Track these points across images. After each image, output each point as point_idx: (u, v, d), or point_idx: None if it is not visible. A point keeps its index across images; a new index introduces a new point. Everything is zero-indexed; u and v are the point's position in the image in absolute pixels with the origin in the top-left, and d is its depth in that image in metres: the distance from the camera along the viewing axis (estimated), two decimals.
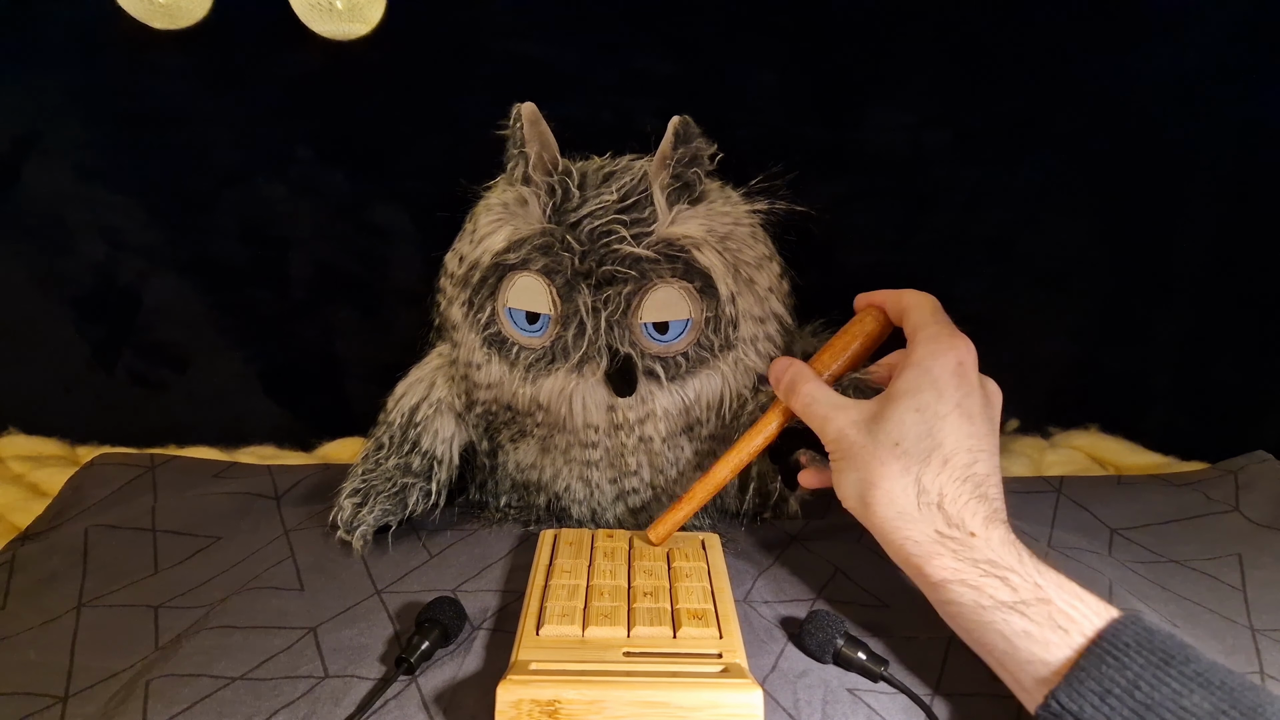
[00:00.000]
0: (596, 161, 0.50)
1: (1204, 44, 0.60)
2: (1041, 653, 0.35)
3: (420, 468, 0.52)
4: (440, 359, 0.54)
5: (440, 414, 0.53)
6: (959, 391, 0.41)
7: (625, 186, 0.47)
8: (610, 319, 0.48)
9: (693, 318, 0.48)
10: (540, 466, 0.53)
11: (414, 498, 0.52)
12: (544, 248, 0.47)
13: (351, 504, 0.51)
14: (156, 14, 0.59)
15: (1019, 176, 0.65)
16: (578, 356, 0.48)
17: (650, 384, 0.49)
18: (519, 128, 0.47)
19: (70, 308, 0.69)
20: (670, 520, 0.48)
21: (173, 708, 0.39)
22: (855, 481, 0.41)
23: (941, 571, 0.38)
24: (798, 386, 0.45)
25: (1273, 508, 0.57)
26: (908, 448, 0.39)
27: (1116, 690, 0.32)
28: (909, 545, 0.39)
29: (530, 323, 0.49)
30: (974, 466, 0.39)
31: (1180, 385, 0.70)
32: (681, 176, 0.47)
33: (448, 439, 0.53)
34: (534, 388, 0.49)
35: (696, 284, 0.48)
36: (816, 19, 0.60)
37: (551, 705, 0.35)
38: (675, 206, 0.47)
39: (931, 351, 0.42)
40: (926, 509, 0.39)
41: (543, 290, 0.48)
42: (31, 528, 0.57)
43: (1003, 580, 0.36)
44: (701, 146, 0.47)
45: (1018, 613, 0.35)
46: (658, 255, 0.47)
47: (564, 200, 0.47)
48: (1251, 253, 0.66)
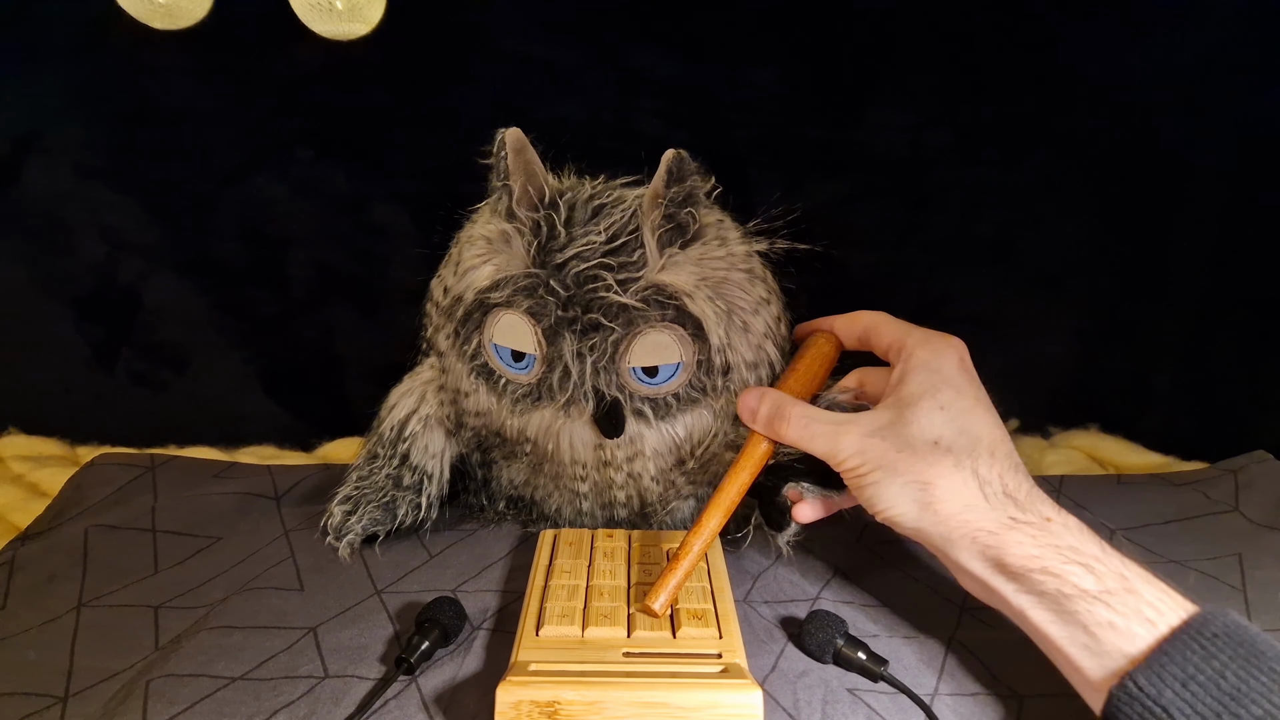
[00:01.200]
0: (587, 188, 0.47)
1: (1204, 44, 0.60)
2: (1125, 646, 0.33)
3: (411, 482, 0.52)
4: (432, 371, 0.53)
5: (430, 429, 0.52)
6: (972, 386, 0.41)
7: (615, 225, 0.44)
8: (596, 364, 0.45)
9: (684, 360, 0.46)
10: (533, 485, 0.53)
11: (403, 509, 0.51)
12: (528, 290, 0.45)
13: (341, 511, 0.51)
14: (156, 14, 0.59)
15: (1019, 176, 0.65)
16: (563, 399, 0.46)
17: (639, 424, 0.47)
18: (503, 157, 0.44)
19: (70, 308, 0.69)
20: (668, 584, 0.42)
21: (173, 708, 0.39)
22: (903, 487, 0.39)
23: (1023, 559, 0.36)
24: (784, 411, 0.43)
25: (1273, 508, 0.57)
26: (950, 443, 0.39)
27: (1200, 678, 0.31)
28: (983, 536, 0.37)
29: (516, 360, 0.47)
30: (1014, 456, 0.39)
31: (1180, 385, 0.71)
32: (674, 217, 0.44)
33: (438, 454, 0.52)
34: (522, 421, 0.48)
35: (688, 328, 0.45)
36: (817, 19, 0.60)
37: (551, 706, 0.35)
38: (666, 250, 0.44)
39: (934, 351, 0.42)
40: (995, 498, 0.37)
41: (528, 330, 0.46)
42: (31, 528, 0.57)
43: (1086, 568, 0.35)
44: (697, 184, 0.44)
45: (1102, 603, 0.34)
46: (645, 304, 0.44)
47: (549, 239, 0.45)
48: (1251, 253, 0.66)
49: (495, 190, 0.46)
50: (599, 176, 0.48)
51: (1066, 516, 0.37)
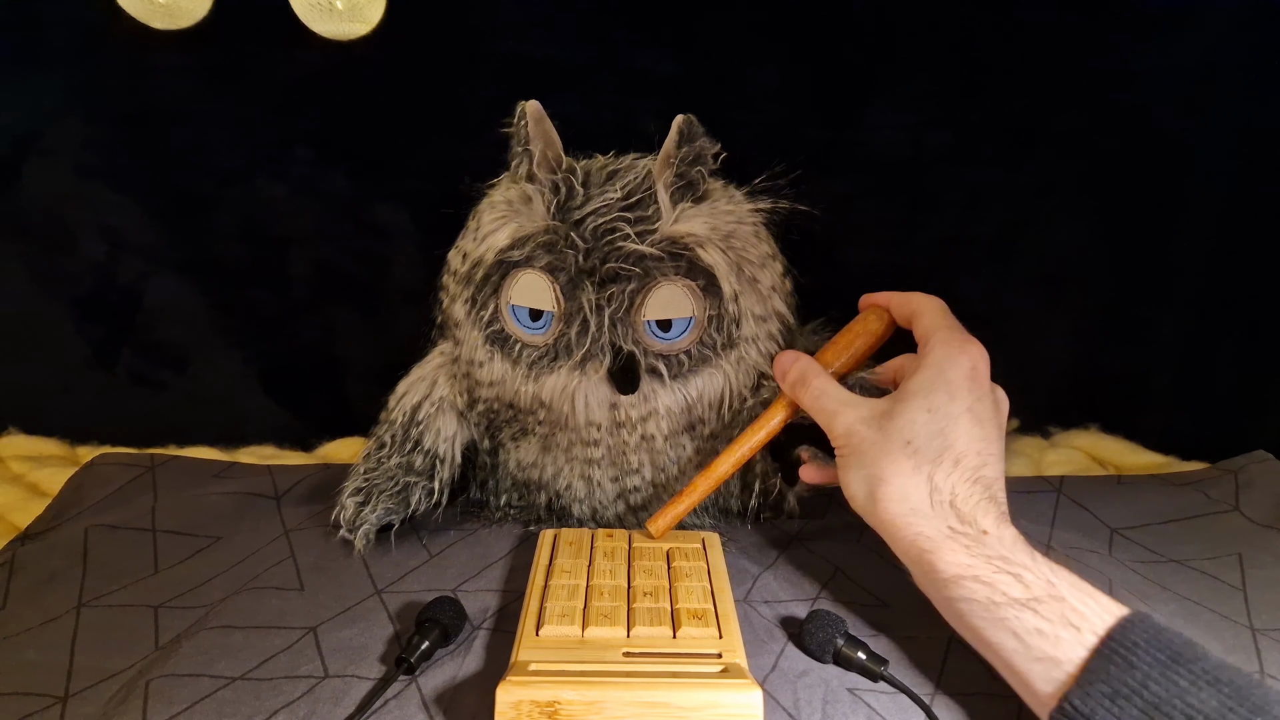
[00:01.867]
0: (600, 160, 0.50)
1: (1204, 44, 0.60)
2: (1052, 650, 0.34)
3: (423, 466, 0.52)
4: (442, 357, 0.54)
5: (442, 412, 0.53)
6: (971, 395, 0.41)
7: (629, 185, 0.47)
8: (614, 316, 0.48)
9: (696, 316, 0.48)
10: (541, 465, 0.54)
11: (416, 496, 0.52)
12: (548, 245, 0.48)
13: (354, 503, 0.51)
14: (156, 14, 0.59)
15: (1019, 176, 0.65)
16: (580, 354, 0.48)
17: (653, 382, 0.49)
18: (524, 125, 0.47)
19: (70, 307, 0.69)
20: (670, 513, 0.49)
21: (173, 708, 0.39)
22: (864, 478, 0.41)
23: (954, 567, 0.37)
24: (808, 380, 0.46)
25: (1273, 508, 0.57)
26: (919, 446, 0.40)
27: (1125, 690, 0.32)
28: (920, 540, 0.38)
29: (534, 320, 0.49)
30: (983, 469, 0.39)
31: (1180, 385, 0.71)
32: (685, 175, 0.47)
33: (450, 437, 0.53)
34: (536, 385, 0.49)
35: (700, 282, 0.48)
36: (817, 19, 0.60)
37: (551, 706, 0.35)
38: (679, 205, 0.47)
39: (946, 354, 0.42)
40: (939, 506, 0.39)
41: (546, 287, 0.48)
42: (31, 528, 0.57)
43: (1015, 577, 0.36)
44: (705, 145, 0.47)
45: (1030, 610, 0.35)
46: (661, 253, 0.47)
47: (568, 198, 0.47)
48: (1251, 253, 0.66)
49: (516, 156, 0.49)
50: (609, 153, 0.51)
51: (1004, 530, 0.38)
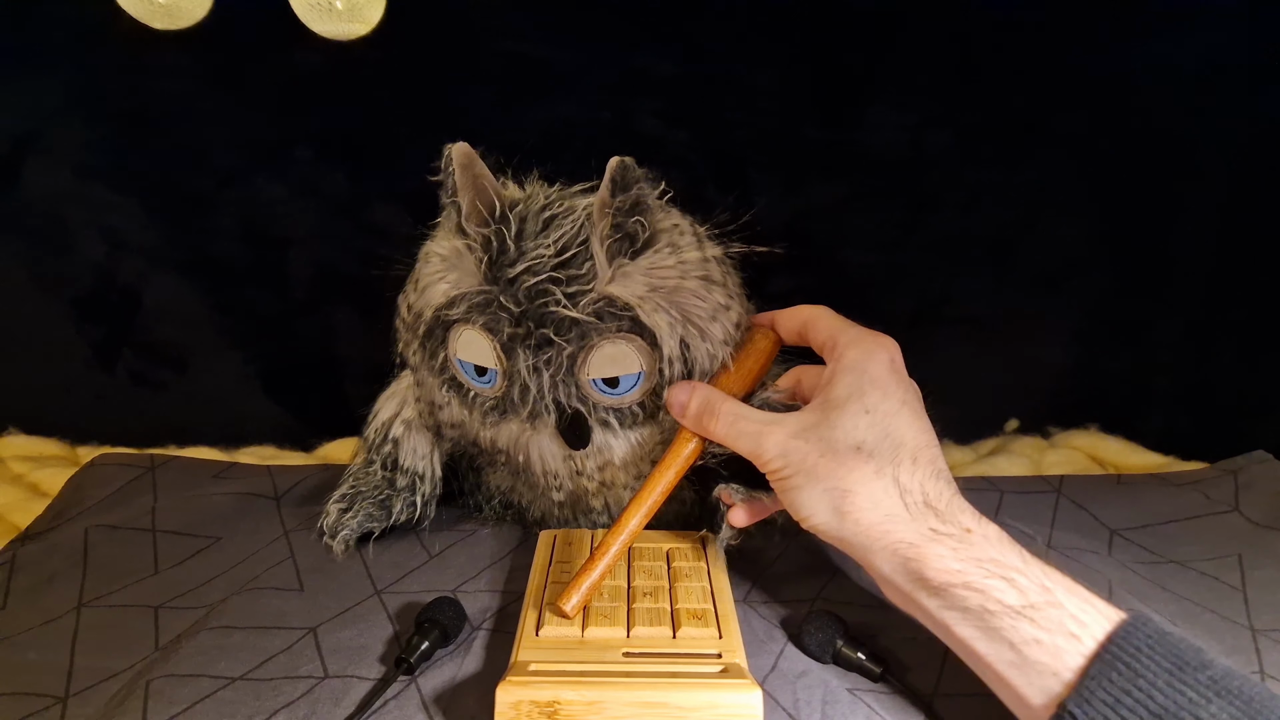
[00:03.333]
0: (540, 198, 0.46)
1: (1204, 43, 0.60)
2: (1052, 662, 0.32)
3: (404, 484, 0.52)
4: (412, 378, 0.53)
5: (414, 432, 0.53)
6: (900, 388, 0.40)
7: (564, 238, 0.43)
8: (554, 377, 0.45)
9: (644, 369, 0.45)
10: (519, 491, 0.53)
11: (398, 507, 0.52)
12: (482, 305, 0.45)
13: (337, 509, 0.52)
14: (156, 14, 0.59)
15: (1019, 176, 0.64)
16: (525, 412, 0.46)
17: (605, 434, 0.47)
18: (450, 174, 0.44)
19: (70, 308, 0.69)
20: (581, 585, 0.42)
21: (173, 708, 0.39)
22: (823, 494, 0.38)
23: (944, 574, 0.35)
24: (714, 408, 0.43)
25: (1273, 508, 0.57)
26: (872, 449, 0.38)
27: (1129, 700, 0.30)
28: (903, 548, 0.36)
29: (479, 375, 0.47)
30: (938, 462, 0.38)
31: (1180, 385, 0.70)
32: (622, 227, 0.43)
33: (426, 454, 0.53)
34: (493, 432, 0.48)
35: (646, 338, 0.44)
36: (817, 19, 0.60)
37: (551, 706, 0.35)
38: (615, 260, 0.43)
39: (864, 352, 0.41)
40: (915, 508, 0.36)
41: (487, 345, 0.45)
42: (31, 528, 0.57)
43: (1009, 581, 0.34)
44: (644, 191, 0.43)
45: (1026, 619, 0.33)
46: (597, 316, 0.44)
47: (499, 253, 0.44)
48: (1251, 253, 0.66)
49: (445, 207, 0.46)
50: (556, 184, 0.48)
51: (987, 526, 0.36)
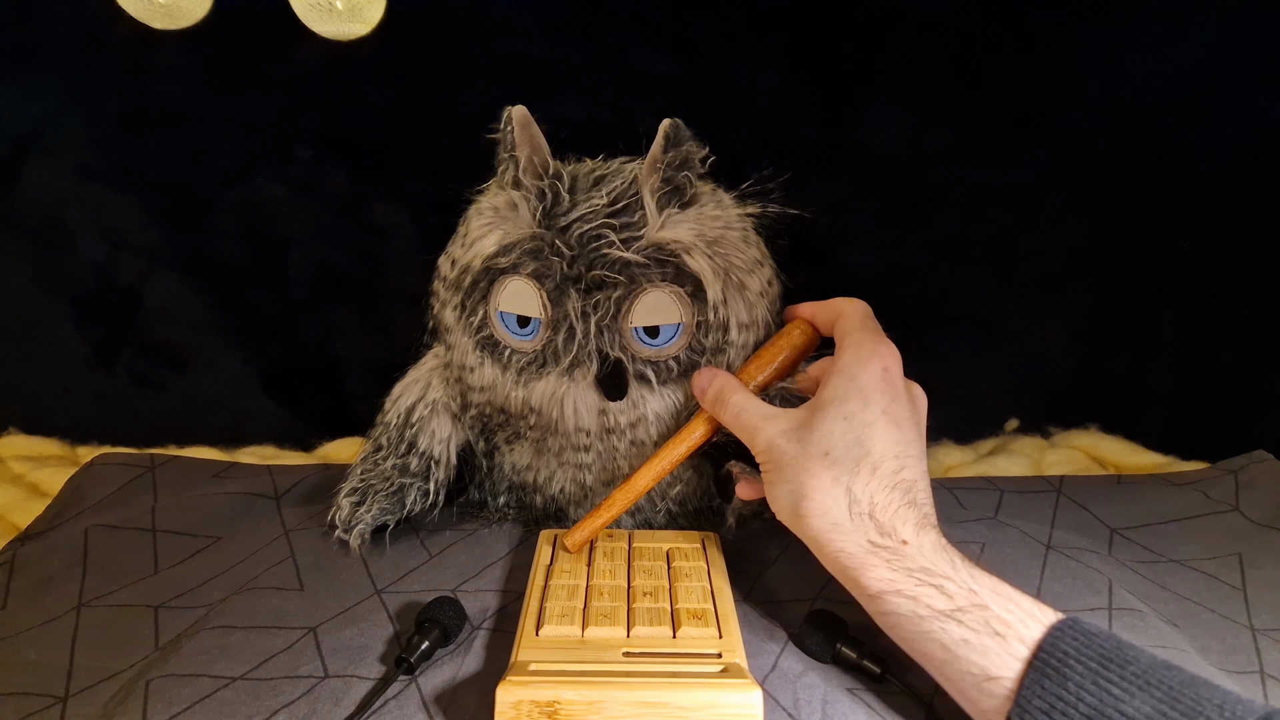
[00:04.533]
0: (588, 164, 0.50)
1: (1205, 43, 0.60)
2: (980, 659, 0.34)
3: (418, 468, 0.52)
4: (436, 360, 0.54)
5: (436, 414, 0.53)
6: (885, 398, 0.41)
7: (615, 190, 0.47)
8: (600, 323, 0.47)
9: (684, 321, 0.48)
10: (535, 468, 0.54)
11: (411, 497, 0.52)
12: (534, 252, 0.47)
13: (350, 503, 0.52)
14: (156, 14, 0.59)
15: (1019, 176, 0.64)
16: (568, 360, 0.48)
17: (641, 388, 0.49)
18: (509, 131, 0.47)
19: (70, 308, 0.69)
20: (588, 527, 0.48)
21: (173, 708, 0.39)
22: (787, 493, 0.41)
23: (877, 583, 0.38)
24: (725, 397, 0.45)
25: (1273, 508, 0.57)
26: (837, 456, 0.39)
27: (1060, 705, 0.32)
28: (843, 557, 0.39)
29: (521, 326, 0.49)
30: (901, 472, 0.39)
31: (1180, 385, 0.70)
32: (672, 180, 0.47)
33: (444, 439, 0.53)
34: (526, 391, 0.49)
35: (687, 288, 0.47)
36: (816, 19, 0.60)
37: (551, 706, 0.35)
38: (665, 210, 0.47)
39: (857, 358, 0.42)
40: (859, 519, 0.38)
41: (533, 294, 0.48)
42: (31, 528, 0.57)
43: (938, 588, 0.36)
44: (693, 150, 0.47)
45: (955, 620, 0.35)
46: (647, 260, 0.47)
47: (554, 204, 0.47)
48: (1251, 252, 0.66)
49: (502, 162, 0.49)
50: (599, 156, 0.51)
51: (924, 537, 0.38)
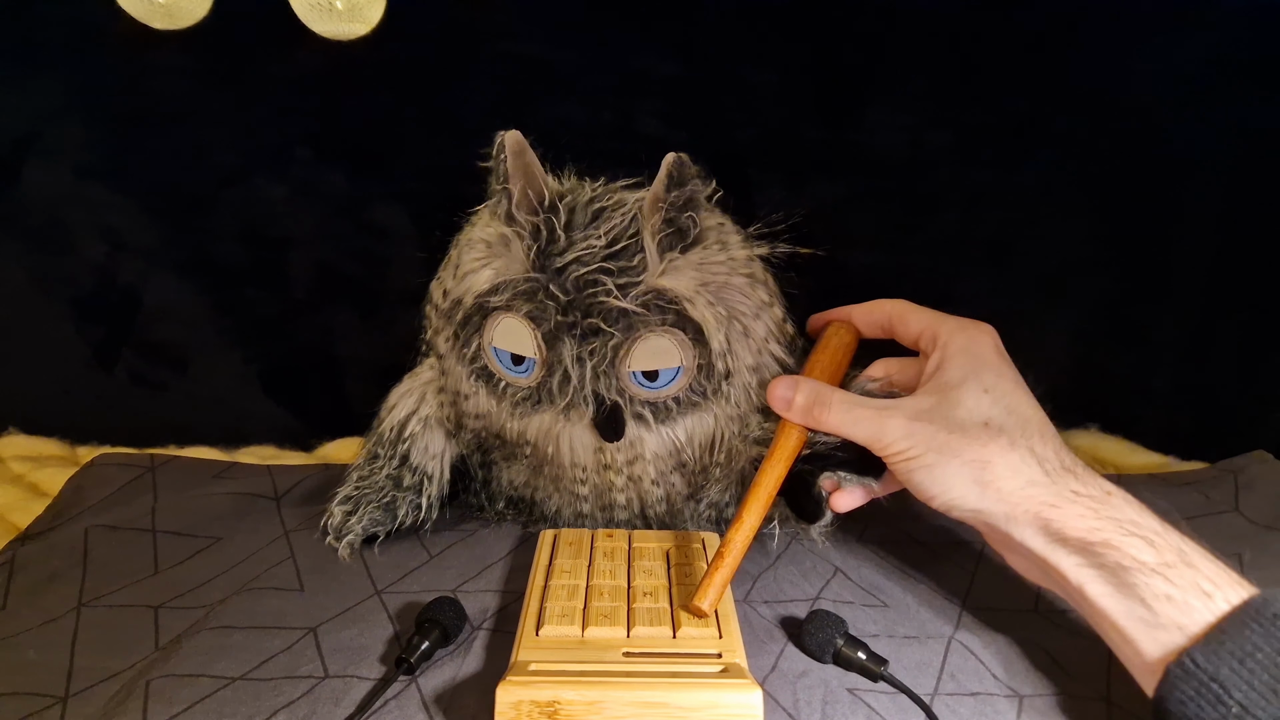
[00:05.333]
0: (587, 191, 0.46)
1: (1205, 44, 0.60)
2: (1181, 618, 0.33)
3: (411, 483, 0.52)
4: (432, 372, 0.53)
5: (429, 429, 0.52)
6: (1010, 369, 0.42)
7: (615, 230, 0.44)
8: (596, 368, 0.45)
9: (684, 365, 0.46)
10: (533, 486, 0.53)
11: (403, 510, 0.51)
12: (527, 294, 0.45)
13: (342, 511, 0.52)
14: (156, 14, 0.59)
15: (1019, 176, 0.64)
16: (563, 403, 0.46)
17: (639, 427, 0.47)
18: (502, 160, 0.44)
19: (70, 308, 0.69)
20: (715, 583, 0.42)
21: (173, 708, 0.39)
22: (960, 468, 0.39)
23: (1084, 531, 0.36)
24: (826, 399, 0.43)
25: (1273, 508, 0.57)
26: (1001, 424, 0.40)
27: (1259, 655, 0.31)
28: (1046, 510, 0.37)
29: (516, 364, 0.47)
30: (1059, 437, 0.40)
31: (1180, 385, 0.70)
32: (674, 222, 0.43)
33: (438, 454, 0.52)
34: (521, 424, 0.48)
35: (688, 333, 0.45)
36: (816, 19, 0.60)
37: (551, 706, 0.35)
38: (667, 255, 0.44)
39: (970, 338, 0.43)
40: (1055, 473, 0.38)
41: (527, 334, 0.45)
42: (31, 528, 0.57)
43: (1146, 541, 0.35)
44: (698, 188, 0.43)
45: (1160, 575, 0.34)
46: (645, 309, 0.44)
47: (549, 243, 0.44)
48: (1251, 253, 0.66)
49: (495, 193, 0.46)
50: (599, 179, 0.48)
51: (1125, 493, 0.38)
